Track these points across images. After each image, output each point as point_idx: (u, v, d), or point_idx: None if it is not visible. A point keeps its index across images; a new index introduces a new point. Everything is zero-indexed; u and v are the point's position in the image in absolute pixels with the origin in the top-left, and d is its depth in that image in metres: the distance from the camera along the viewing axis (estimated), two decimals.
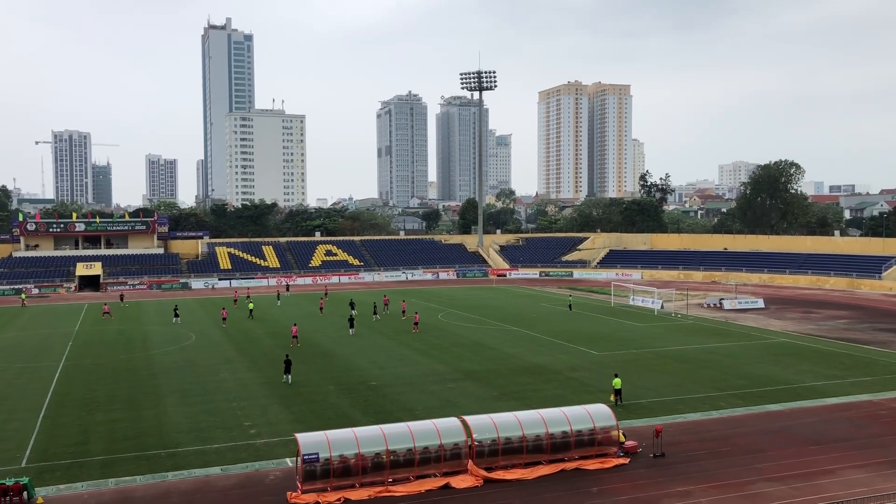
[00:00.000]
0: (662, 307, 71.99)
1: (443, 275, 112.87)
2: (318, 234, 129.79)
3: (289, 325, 59.30)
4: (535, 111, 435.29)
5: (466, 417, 28.03)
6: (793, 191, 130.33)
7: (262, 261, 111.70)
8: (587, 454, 27.90)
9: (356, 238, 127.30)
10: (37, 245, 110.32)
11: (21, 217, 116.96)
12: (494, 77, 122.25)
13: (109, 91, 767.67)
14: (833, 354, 48.97)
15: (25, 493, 24.17)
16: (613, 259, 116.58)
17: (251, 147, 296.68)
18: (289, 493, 24.94)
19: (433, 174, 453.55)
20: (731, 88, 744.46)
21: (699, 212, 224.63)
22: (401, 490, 25.27)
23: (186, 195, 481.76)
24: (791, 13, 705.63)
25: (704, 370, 43.95)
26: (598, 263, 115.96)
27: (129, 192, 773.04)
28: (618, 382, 36.32)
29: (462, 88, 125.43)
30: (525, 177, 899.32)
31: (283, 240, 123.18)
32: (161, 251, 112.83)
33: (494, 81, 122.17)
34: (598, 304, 77.71)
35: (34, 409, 36.15)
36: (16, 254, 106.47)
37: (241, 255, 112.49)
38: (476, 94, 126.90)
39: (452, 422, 27.66)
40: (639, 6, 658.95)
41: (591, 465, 27.51)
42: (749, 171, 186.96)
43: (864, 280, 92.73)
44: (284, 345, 52.80)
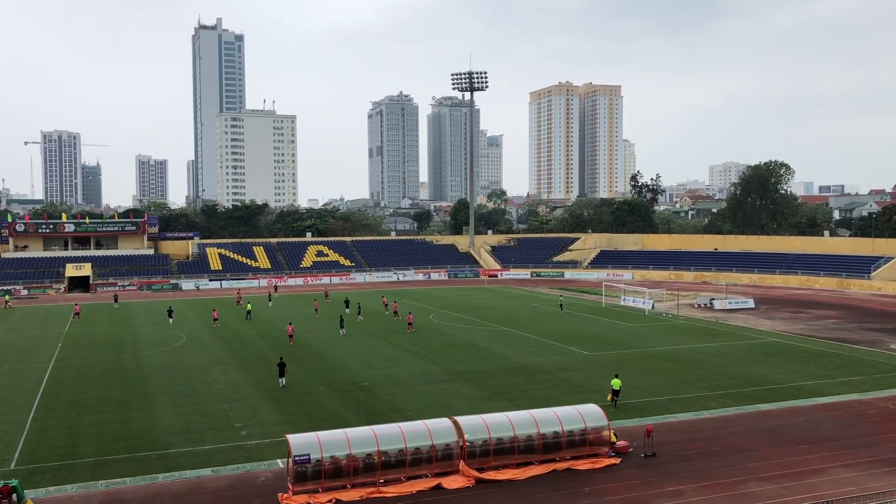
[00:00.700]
0: (653, 307, 72.20)
1: (434, 275, 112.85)
2: (309, 235, 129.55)
3: (281, 327, 59.10)
4: (527, 112, 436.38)
5: (458, 418, 27.98)
6: (783, 191, 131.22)
7: (253, 261, 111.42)
8: (578, 454, 27.93)
9: (347, 239, 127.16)
10: (26, 246, 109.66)
11: (10, 218, 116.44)
12: (486, 78, 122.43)
13: (99, 91, 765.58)
14: (822, 354, 49.24)
15: (14, 496, 23.95)
16: (604, 259, 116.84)
17: (242, 147, 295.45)
18: (280, 495, 24.89)
19: (424, 175, 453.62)
20: (721, 89, 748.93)
21: (690, 212, 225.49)
22: (392, 491, 25.25)
23: (177, 196, 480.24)
24: (780, 14, 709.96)
25: (695, 370, 44.12)
26: (590, 264, 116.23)
27: (119, 193, 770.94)
28: (617, 383, 36.11)
29: (453, 89, 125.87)
30: (516, 177, 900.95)
31: (274, 240, 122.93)
32: (151, 252, 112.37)
33: (486, 82, 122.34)
34: (590, 305, 77.87)
35: (23, 411, 35.93)
36: (4, 255, 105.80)
37: (232, 256, 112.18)
38: (467, 95, 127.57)
39: (444, 422, 27.64)
40: (628, 8, 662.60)
41: (583, 466, 27.55)
42: (739, 172, 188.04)
43: (854, 280, 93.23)
44: (276, 346, 52.67)
